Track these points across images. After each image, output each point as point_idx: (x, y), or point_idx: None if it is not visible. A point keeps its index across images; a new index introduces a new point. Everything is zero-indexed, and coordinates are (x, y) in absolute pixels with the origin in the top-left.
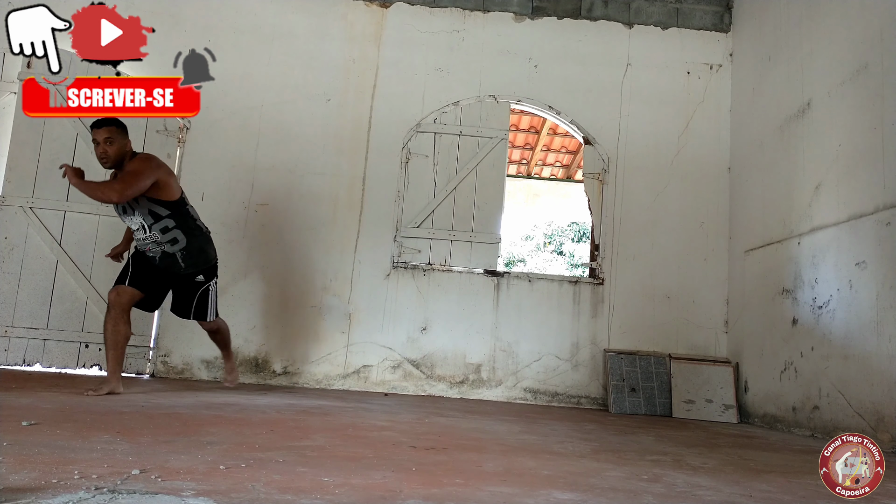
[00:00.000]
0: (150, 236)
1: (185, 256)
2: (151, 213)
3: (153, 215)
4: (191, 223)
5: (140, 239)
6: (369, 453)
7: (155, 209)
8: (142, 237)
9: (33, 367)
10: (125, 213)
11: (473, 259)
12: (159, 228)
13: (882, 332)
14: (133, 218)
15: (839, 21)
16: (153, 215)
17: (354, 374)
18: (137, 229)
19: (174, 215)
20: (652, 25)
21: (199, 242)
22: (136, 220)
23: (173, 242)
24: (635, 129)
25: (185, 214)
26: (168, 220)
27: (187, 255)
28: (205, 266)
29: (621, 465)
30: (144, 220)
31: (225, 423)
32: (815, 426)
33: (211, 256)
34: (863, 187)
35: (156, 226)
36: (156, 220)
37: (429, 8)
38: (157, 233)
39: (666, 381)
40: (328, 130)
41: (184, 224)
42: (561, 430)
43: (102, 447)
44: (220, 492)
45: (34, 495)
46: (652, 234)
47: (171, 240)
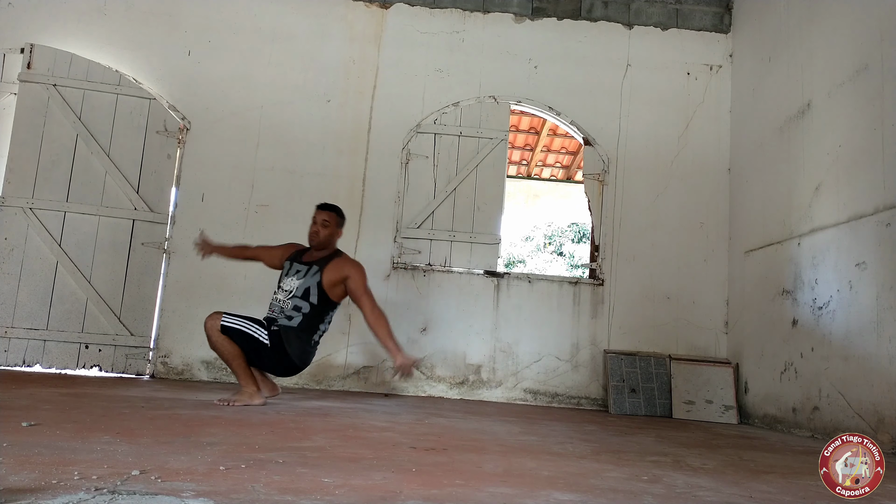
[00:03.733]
0: (286, 302)
1: (286, 332)
2: (307, 295)
3: (306, 297)
4: (317, 323)
5: (276, 298)
6: (369, 454)
7: (314, 298)
8: (280, 297)
9: (33, 368)
10: (293, 274)
11: (473, 260)
12: (297, 307)
13: (882, 333)
14: (292, 282)
15: (839, 22)
16: (306, 297)
17: (354, 375)
18: (285, 290)
19: (317, 310)
20: (652, 26)
21: (306, 338)
22: (292, 285)
23: (290, 319)
24: (635, 129)
25: (322, 316)
26: (309, 308)
27: (287, 332)
28: (288, 358)
29: (621, 466)
30: (297, 293)
31: (225, 424)
32: (815, 427)
33: (295, 356)
34: (863, 188)
35: (299, 302)
36: (304, 299)
37: (429, 9)
38: (291, 307)
39: (666, 381)
40: (328, 131)
41: (313, 320)
42: (561, 430)
43: (102, 448)
44: (219, 493)
45: (34, 496)
46: (652, 234)
47: (292, 317)
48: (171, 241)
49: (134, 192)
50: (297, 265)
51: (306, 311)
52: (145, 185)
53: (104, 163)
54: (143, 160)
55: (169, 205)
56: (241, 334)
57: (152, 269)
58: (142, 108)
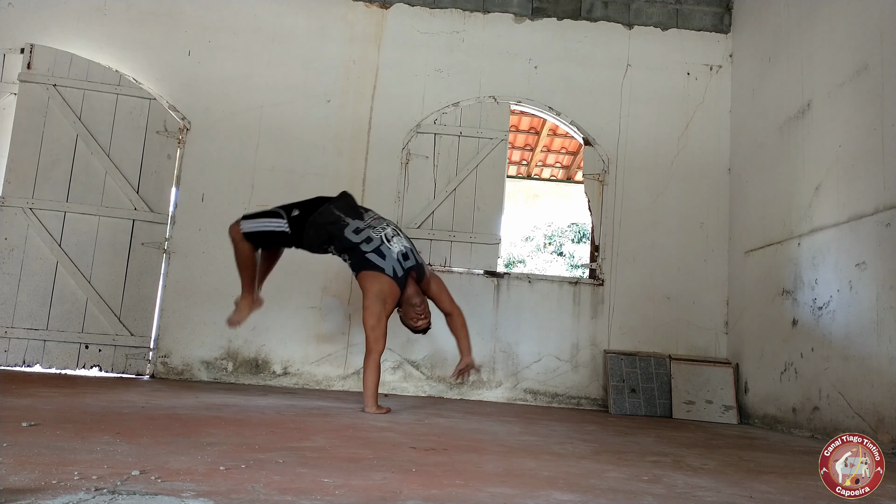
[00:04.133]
0: (400, 245)
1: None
2: (411, 255)
3: (411, 257)
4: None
5: (378, 235)
6: (369, 454)
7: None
8: (390, 239)
9: (33, 368)
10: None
11: (473, 260)
12: (405, 254)
13: (882, 333)
14: (397, 240)
15: (839, 22)
16: (411, 257)
17: (355, 375)
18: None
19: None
20: (652, 26)
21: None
22: (400, 243)
23: (379, 253)
24: (635, 129)
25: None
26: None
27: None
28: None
29: (621, 466)
30: (410, 250)
31: (224, 424)
32: (815, 427)
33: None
34: (863, 188)
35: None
36: (410, 257)
37: (429, 9)
38: (399, 251)
39: (666, 381)
40: (328, 131)
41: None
42: (561, 430)
43: (102, 448)
44: (219, 493)
45: (34, 496)
46: (652, 234)
47: (383, 254)
48: (170, 241)
49: (134, 192)
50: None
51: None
52: (145, 185)
53: (104, 163)
54: (143, 160)
55: (169, 205)
56: (263, 234)
57: (152, 269)
58: (142, 108)
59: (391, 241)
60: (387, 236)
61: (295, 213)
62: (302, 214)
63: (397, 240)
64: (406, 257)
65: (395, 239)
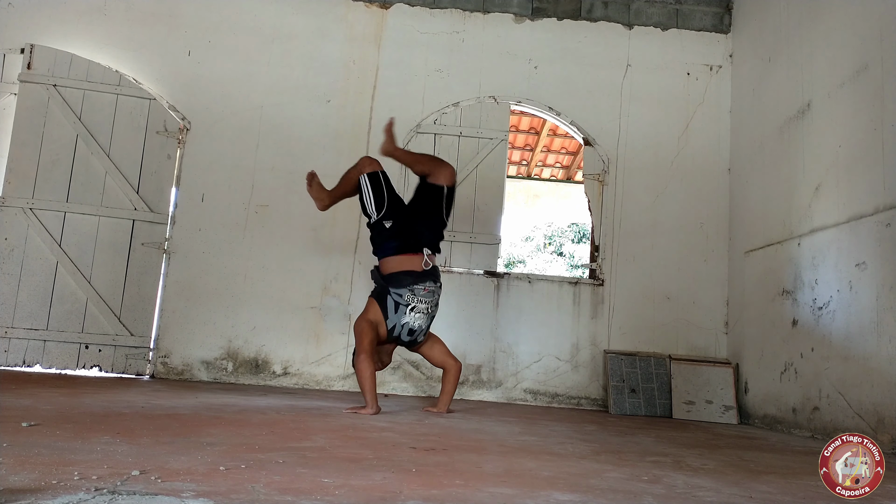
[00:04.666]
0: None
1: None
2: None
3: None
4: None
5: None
6: (369, 454)
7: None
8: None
9: (33, 368)
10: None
11: (473, 260)
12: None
13: (882, 334)
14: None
15: (839, 22)
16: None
17: (355, 376)
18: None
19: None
20: (652, 26)
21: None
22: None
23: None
24: (635, 130)
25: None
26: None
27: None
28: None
29: (621, 467)
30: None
31: (225, 424)
32: (815, 427)
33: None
34: (863, 188)
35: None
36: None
37: (429, 9)
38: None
39: (666, 382)
40: (328, 131)
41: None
42: (561, 431)
43: (102, 448)
44: (219, 493)
45: (34, 496)
46: (652, 235)
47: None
48: (171, 241)
49: (134, 193)
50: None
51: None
52: (145, 186)
53: (104, 163)
54: (143, 160)
55: (169, 205)
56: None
57: (152, 269)
58: (142, 109)
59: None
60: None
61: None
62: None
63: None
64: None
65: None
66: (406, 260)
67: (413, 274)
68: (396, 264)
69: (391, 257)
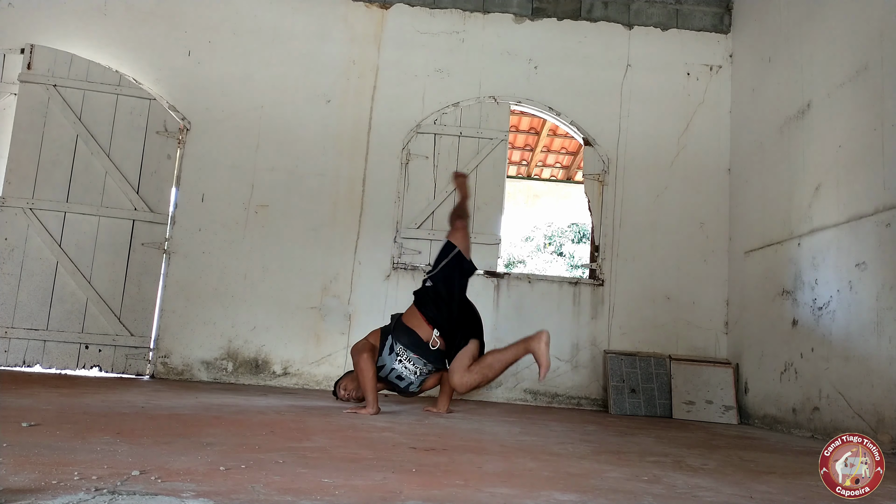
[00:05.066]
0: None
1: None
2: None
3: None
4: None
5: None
6: (369, 454)
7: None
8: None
9: (33, 368)
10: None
11: (473, 260)
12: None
13: (882, 333)
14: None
15: (839, 22)
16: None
17: None
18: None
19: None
20: (652, 27)
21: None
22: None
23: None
24: (635, 130)
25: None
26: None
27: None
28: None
29: (621, 467)
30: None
31: (225, 425)
32: (815, 427)
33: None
34: (863, 188)
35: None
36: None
37: (429, 9)
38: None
39: (666, 382)
40: (328, 131)
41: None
42: (561, 431)
43: (102, 448)
44: (219, 493)
45: (34, 496)
46: (652, 235)
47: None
48: (171, 242)
49: (134, 193)
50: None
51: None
52: (145, 186)
53: (104, 163)
54: (143, 160)
55: (169, 205)
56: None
57: (152, 270)
58: (142, 109)
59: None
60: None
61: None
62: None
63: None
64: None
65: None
66: (422, 324)
67: (419, 342)
68: (414, 322)
69: (415, 312)
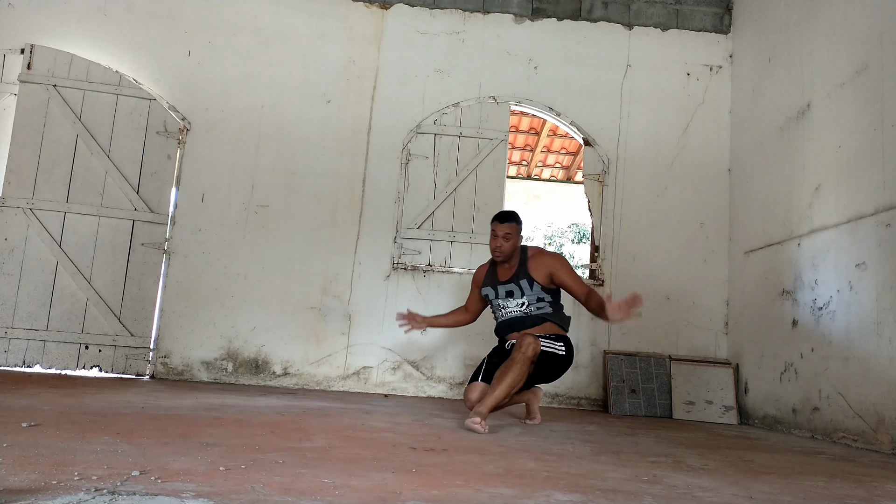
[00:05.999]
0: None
1: (544, 314)
2: (541, 300)
3: (542, 300)
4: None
5: (506, 323)
6: (369, 455)
7: (547, 297)
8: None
9: (33, 369)
10: (508, 298)
11: (474, 260)
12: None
13: (882, 334)
14: (515, 304)
15: (839, 22)
16: (542, 300)
17: (354, 376)
18: (513, 310)
19: (555, 303)
20: (652, 27)
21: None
22: (518, 305)
23: (539, 308)
24: (635, 130)
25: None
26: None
27: (548, 315)
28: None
29: (621, 467)
30: (531, 305)
31: (225, 425)
32: (815, 427)
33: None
34: (863, 189)
35: (540, 304)
36: (542, 301)
37: (429, 9)
38: (533, 305)
39: (666, 382)
40: (328, 132)
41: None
42: (561, 431)
43: (102, 448)
44: (220, 493)
45: (34, 496)
46: (652, 235)
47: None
48: (171, 242)
49: (134, 193)
50: (504, 288)
51: (549, 300)
52: (145, 186)
53: (104, 163)
54: (143, 160)
55: (169, 205)
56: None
57: (152, 270)
58: (142, 109)
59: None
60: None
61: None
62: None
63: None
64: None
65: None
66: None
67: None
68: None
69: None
